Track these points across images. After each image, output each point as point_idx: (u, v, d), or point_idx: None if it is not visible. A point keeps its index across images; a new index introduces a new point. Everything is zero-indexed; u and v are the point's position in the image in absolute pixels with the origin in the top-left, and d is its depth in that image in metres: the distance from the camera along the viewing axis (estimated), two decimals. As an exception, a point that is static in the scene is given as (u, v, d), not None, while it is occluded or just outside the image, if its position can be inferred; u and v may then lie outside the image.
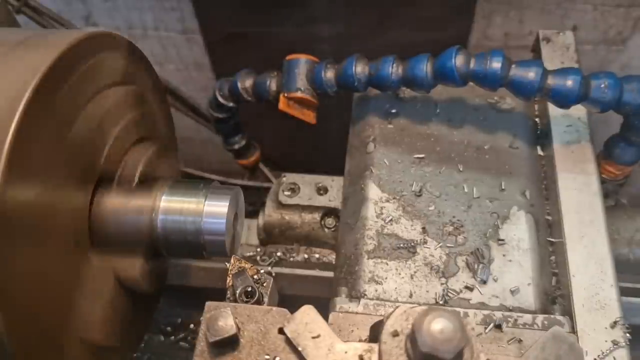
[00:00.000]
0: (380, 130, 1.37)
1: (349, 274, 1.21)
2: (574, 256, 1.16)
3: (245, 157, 1.85)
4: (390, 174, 1.30)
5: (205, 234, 1.20)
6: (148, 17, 2.11)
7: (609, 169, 1.38)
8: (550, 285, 1.19)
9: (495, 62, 1.19)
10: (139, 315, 1.37)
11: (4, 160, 0.86)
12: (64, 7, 2.07)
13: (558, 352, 0.84)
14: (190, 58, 2.26)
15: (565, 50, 1.46)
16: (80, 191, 1.09)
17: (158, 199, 1.21)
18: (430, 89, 1.29)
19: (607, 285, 1.12)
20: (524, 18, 1.96)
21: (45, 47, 1.00)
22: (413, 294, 1.16)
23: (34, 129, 0.93)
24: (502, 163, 1.31)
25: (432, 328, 0.74)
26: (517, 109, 1.39)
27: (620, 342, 1.06)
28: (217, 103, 1.54)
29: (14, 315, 0.91)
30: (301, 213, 1.47)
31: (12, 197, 0.88)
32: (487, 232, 1.22)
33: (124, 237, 1.19)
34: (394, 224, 1.24)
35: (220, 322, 0.88)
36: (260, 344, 0.91)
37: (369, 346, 0.86)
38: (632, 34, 1.98)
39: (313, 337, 0.87)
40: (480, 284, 1.16)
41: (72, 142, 1.04)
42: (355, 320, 1.06)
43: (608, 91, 1.18)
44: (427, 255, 1.20)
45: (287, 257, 1.49)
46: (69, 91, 1.02)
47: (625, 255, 1.42)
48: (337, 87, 1.37)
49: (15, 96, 0.90)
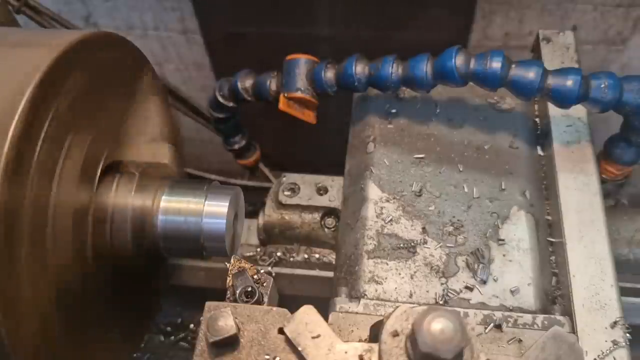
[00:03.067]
0: (380, 130, 1.37)
1: (349, 274, 1.21)
2: (574, 256, 1.16)
3: (245, 157, 1.84)
4: (390, 174, 1.30)
5: (205, 234, 1.20)
6: (148, 17, 2.11)
7: (609, 169, 1.38)
8: (550, 285, 1.19)
9: (495, 62, 1.19)
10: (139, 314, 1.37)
11: (3, 160, 0.87)
12: (64, 7, 2.08)
13: (558, 352, 0.84)
14: (190, 58, 2.26)
15: (565, 50, 1.46)
16: (81, 191, 1.09)
17: (158, 199, 1.21)
18: (430, 89, 1.28)
19: (607, 285, 1.12)
20: (524, 18, 1.96)
21: (45, 47, 1.01)
22: (413, 294, 1.16)
23: (34, 130, 0.93)
24: (502, 163, 1.31)
25: (432, 328, 0.74)
26: (517, 108, 1.39)
27: (620, 342, 1.06)
28: (217, 103, 1.54)
29: (14, 315, 0.91)
30: (301, 213, 1.47)
31: (12, 197, 0.88)
32: (487, 232, 1.22)
33: (125, 237, 1.19)
34: (394, 224, 1.24)
35: (220, 322, 0.88)
36: (260, 344, 0.91)
37: (369, 346, 0.86)
38: (632, 34, 1.98)
39: (313, 337, 0.87)
40: (480, 284, 1.16)
41: (72, 142, 1.04)
42: (356, 320, 1.05)
43: (608, 91, 1.17)
44: (427, 255, 1.20)
45: (287, 257, 1.49)
46: (69, 91, 1.02)
47: (625, 255, 1.41)
48: (337, 87, 1.37)
49: (15, 96, 0.91)
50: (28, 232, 0.93)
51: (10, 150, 0.87)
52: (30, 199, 0.93)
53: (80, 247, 1.10)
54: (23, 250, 0.92)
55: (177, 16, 2.09)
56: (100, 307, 1.18)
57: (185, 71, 2.32)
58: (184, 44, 2.19)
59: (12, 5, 1.56)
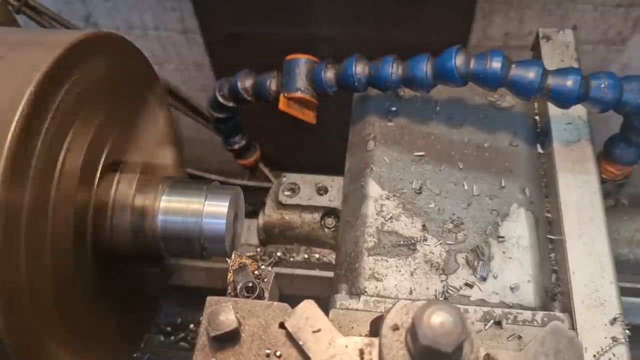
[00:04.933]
0: (380, 128, 1.38)
1: (349, 271, 1.21)
2: (574, 253, 1.16)
3: (245, 157, 1.85)
4: (391, 172, 1.30)
5: (205, 234, 1.20)
6: (148, 17, 2.11)
7: (609, 169, 1.38)
8: (549, 282, 1.19)
9: (495, 62, 1.19)
10: (139, 314, 1.38)
11: (3, 160, 0.87)
12: (64, 7, 2.08)
13: (557, 347, 0.85)
14: (190, 58, 2.26)
15: (565, 49, 1.46)
16: (81, 190, 1.09)
17: (158, 199, 1.21)
18: (430, 89, 1.29)
19: (606, 282, 1.13)
20: (524, 18, 1.96)
21: (45, 47, 1.01)
22: (413, 290, 1.16)
23: (34, 129, 0.93)
24: (502, 161, 1.31)
25: (432, 321, 0.74)
26: (516, 107, 1.39)
27: (620, 338, 1.06)
28: (217, 103, 1.54)
29: (14, 314, 0.91)
30: (301, 213, 1.47)
31: (12, 196, 0.89)
32: (487, 229, 1.22)
33: (125, 237, 1.19)
34: (394, 222, 1.24)
35: (221, 317, 0.88)
36: (261, 339, 0.91)
37: (370, 340, 0.86)
38: (632, 34, 1.98)
39: (314, 331, 0.88)
40: (480, 281, 1.16)
41: (72, 142, 1.04)
42: (356, 317, 1.06)
43: (608, 91, 1.18)
44: (427, 252, 1.20)
45: (287, 257, 1.49)
46: (69, 91, 1.02)
47: (625, 255, 1.42)
48: (337, 87, 1.37)
49: (15, 96, 0.91)
50: (28, 231, 0.93)
51: (10, 149, 0.88)
52: (30, 198, 0.93)
53: (80, 246, 1.10)
54: (22, 249, 0.92)
55: (177, 16, 2.09)
56: (100, 306, 1.18)
57: (185, 71, 2.32)
58: (184, 44, 2.19)
59: (12, 5, 1.56)
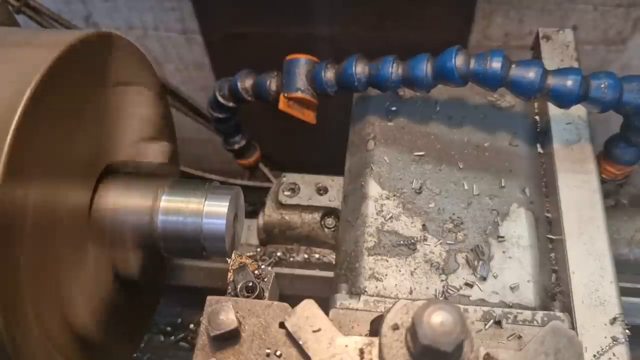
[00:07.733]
0: (380, 128, 1.38)
1: (350, 270, 1.21)
2: (574, 253, 1.16)
3: (245, 157, 1.85)
4: (391, 172, 1.31)
5: (205, 234, 1.20)
6: (148, 17, 2.11)
7: (609, 169, 1.38)
8: (549, 282, 1.19)
9: (495, 62, 1.19)
10: (138, 313, 1.38)
11: (3, 160, 0.87)
12: (64, 7, 2.07)
13: (557, 346, 0.85)
14: (190, 58, 2.26)
15: (565, 48, 1.46)
16: (81, 190, 1.09)
17: (158, 199, 1.21)
18: (430, 89, 1.29)
19: (606, 281, 1.13)
20: (524, 18, 1.96)
21: (45, 47, 1.01)
22: (413, 290, 1.16)
23: (34, 129, 0.93)
24: (502, 161, 1.31)
25: (432, 321, 0.74)
26: (516, 107, 1.39)
27: (620, 338, 1.06)
28: (217, 103, 1.54)
29: (14, 316, 0.91)
30: (301, 213, 1.47)
31: (11, 197, 0.89)
32: (487, 229, 1.22)
33: (124, 236, 1.19)
34: (394, 221, 1.24)
35: (221, 316, 0.89)
36: (261, 338, 0.91)
37: (370, 340, 0.87)
38: (632, 34, 1.98)
39: (314, 330, 0.88)
40: (480, 281, 1.16)
41: (72, 142, 1.04)
42: (356, 317, 1.06)
43: (608, 91, 1.18)
44: (427, 252, 1.20)
45: (287, 257, 1.49)
46: (69, 91, 1.02)
47: (625, 255, 1.41)
48: (337, 87, 1.37)
49: (15, 96, 0.91)
50: (27, 232, 0.93)
51: (10, 150, 0.87)
52: (30, 199, 0.93)
53: (80, 246, 1.10)
54: (22, 251, 0.92)
55: (177, 16, 2.08)
56: (100, 307, 1.18)
57: (185, 71, 2.31)
58: (184, 44, 2.19)
59: (12, 5, 1.56)
